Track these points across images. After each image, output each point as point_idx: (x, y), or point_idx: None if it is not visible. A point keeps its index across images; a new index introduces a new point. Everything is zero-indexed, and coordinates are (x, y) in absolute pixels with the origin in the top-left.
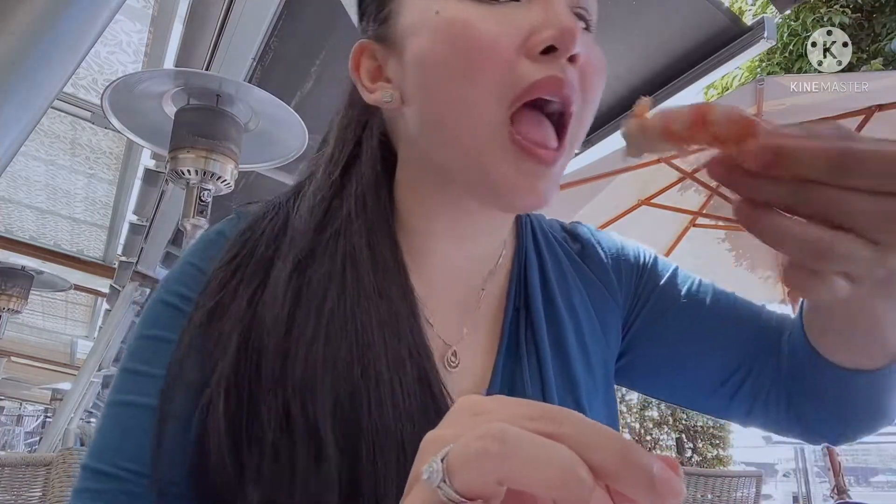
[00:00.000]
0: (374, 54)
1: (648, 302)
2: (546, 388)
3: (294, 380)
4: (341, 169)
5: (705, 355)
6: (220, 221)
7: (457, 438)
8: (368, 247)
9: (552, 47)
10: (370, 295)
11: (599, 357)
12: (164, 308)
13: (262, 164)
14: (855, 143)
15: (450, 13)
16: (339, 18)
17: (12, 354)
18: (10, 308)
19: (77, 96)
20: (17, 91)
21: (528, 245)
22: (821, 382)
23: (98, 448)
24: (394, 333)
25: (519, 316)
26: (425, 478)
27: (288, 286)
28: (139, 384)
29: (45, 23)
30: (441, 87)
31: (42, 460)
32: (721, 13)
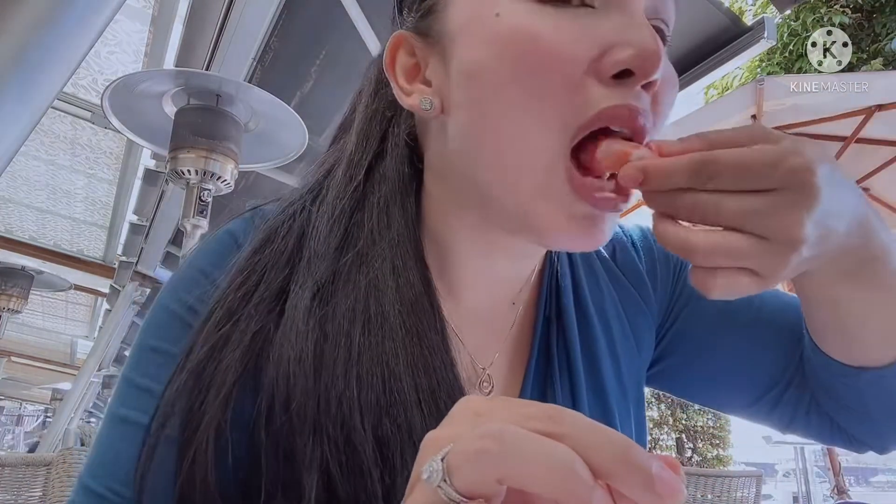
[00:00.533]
0: (413, 50)
1: (687, 306)
2: (577, 399)
3: (329, 427)
4: (364, 171)
5: (744, 365)
6: (232, 220)
7: (457, 438)
8: (393, 274)
9: (628, 71)
10: (396, 333)
11: (631, 368)
12: (169, 318)
13: (262, 164)
14: (717, 151)
15: (513, 19)
16: (339, 18)
17: (12, 354)
18: (10, 308)
19: (77, 96)
20: (17, 91)
21: (560, 253)
22: (834, 384)
23: (94, 464)
24: (425, 372)
25: (550, 325)
26: (425, 477)
27: (308, 319)
28: (138, 399)
29: (45, 23)
30: (496, 108)
31: (42, 460)
32: (721, 13)
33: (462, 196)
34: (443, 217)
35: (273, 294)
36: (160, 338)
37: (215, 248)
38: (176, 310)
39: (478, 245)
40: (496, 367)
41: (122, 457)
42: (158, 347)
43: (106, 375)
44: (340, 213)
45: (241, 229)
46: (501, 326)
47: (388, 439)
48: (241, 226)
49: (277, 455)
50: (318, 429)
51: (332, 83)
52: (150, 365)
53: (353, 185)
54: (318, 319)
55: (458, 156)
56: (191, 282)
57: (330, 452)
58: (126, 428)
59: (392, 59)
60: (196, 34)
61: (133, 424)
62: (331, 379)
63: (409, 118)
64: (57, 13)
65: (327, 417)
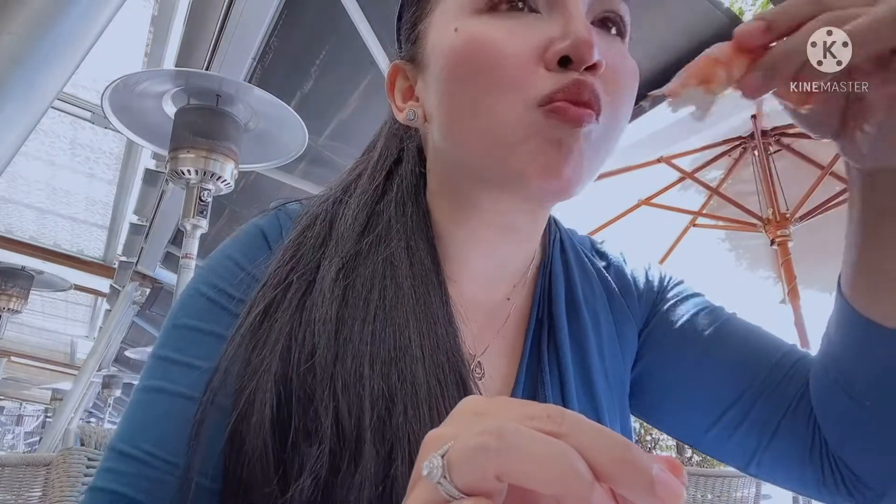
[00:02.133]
0: (406, 74)
1: (653, 322)
2: (567, 400)
3: (344, 377)
4: (385, 174)
5: (703, 378)
6: (257, 217)
7: (457, 436)
8: (407, 252)
9: (567, 58)
10: (407, 300)
11: (616, 370)
12: (199, 299)
13: (262, 164)
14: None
15: (467, 29)
16: (339, 18)
17: (12, 354)
18: (10, 308)
19: (77, 96)
20: (17, 91)
21: (554, 257)
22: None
23: (124, 430)
24: (431, 338)
25: (542, 327)
26: (425, 474)
27: (334, 287)
28: (169, 372)
29: (45, 23)
30: (463, 101)
31: (42, 460)
32: (721, 13)
33: (456, 183)
34: (444, 213)
35: (312, 268)
36: (193, 317)
37: (244, 241)
38: (206, 292)
39: (476, 232)
40: (488, 357)
41: (155, 420)
42: (192, 326)
43: (106, 375)
44: (364, 205)
45: (268, 225)
46: (495, 319)
47: (395, 389)
48: (268, 222)
49: (300, 402)
50: (335, 378)
51: (332, 83)
52: (182, 341)
53: (374, 184)
54: (342, 288)
55: (446, 149)
56: (223, 269)
57: (343, 399)
58: (158, 396)
59: (391, 84)
60: (196, 34)
61: (166, 393)
62: (349, 335)
63: (418, 136)
64: (57, 13)
65: (343, 368)
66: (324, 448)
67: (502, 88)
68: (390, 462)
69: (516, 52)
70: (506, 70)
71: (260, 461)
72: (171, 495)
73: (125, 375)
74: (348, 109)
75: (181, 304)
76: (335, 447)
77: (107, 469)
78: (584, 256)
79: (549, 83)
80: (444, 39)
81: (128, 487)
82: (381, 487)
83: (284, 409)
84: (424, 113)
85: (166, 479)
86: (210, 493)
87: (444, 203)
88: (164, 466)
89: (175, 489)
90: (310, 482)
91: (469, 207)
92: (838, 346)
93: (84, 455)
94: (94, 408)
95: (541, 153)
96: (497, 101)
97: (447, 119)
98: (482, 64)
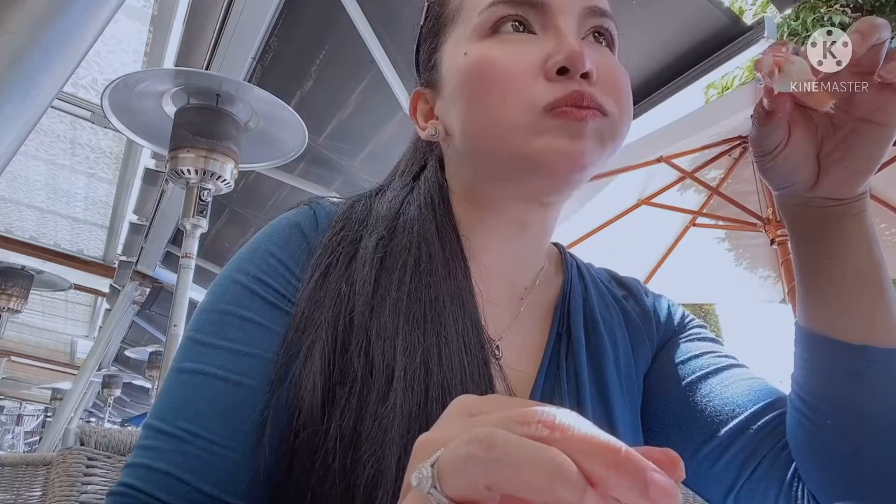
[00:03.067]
0: (427, 98)
1: (666, 349)
2: (582, 410)
3: (378, 327)
4: (412, 176)
5: (686, 413)
6: (291, 212)
7: (448, 442)
8: (437, 232)
9: (564, 69)
10: (440, 271)
11: (632, 389)
12: (235, 286)
13: (262, 164)
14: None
15: (475, 52)
16: (339, 18)
17: (12, 354)
18: (10, 308)
19: (77, 96)
20: (17, 91)
21: (573, 278)
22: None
23: (159, 409)
24: (459, 306)
25: (560, 341)
26: (415, 484)
27: (374, 255)
28: (204, 354)
29: (45, 23)
30: (474, 111)
31: (42, 460)
32: (721, 13)
33: (477, 189)
34: (465, 212)
35: (356, 239)
36: (228, 303)
37: (279, 232)
38: (242, 280)
39: (493, 227)
40: (505, 345)
41: (190, 399)
42: (227, 311)
43: (106, 375)
44: (397, 195)
45: (303, 217)
46: (510, 312)
47: (431, 341)
48: (303, 214)
49: (341, 351)
50: (369, 329)
51: (332, 83)
52: (216, 325)
53: (404, 182)
54: (381, 254)
55: (466, 155)
56: (261, 262)
57: (376, 346)
58: (192, 377)
59: (414, 108)
60: (196, 34)
61: (201, 374)
62: (385, 293)
63: (439, 150)
64: (57, 13)
65: (378, 321)
66: (355, 388)
67: (509, 97)
68: (427, 402)
69: (518, 65)
70: (511, 81)
71: (310, 404)
72: (209, 471)
73: (125, 375)
74: (348, 109)
75: (214, 290)
76: (364, 387)
77: (144, 447)
78: (602, 284)
79: (551, 91)
80: (456, 63)
81: (167, 463)
82: (418, 426)
83: (332, 359)
84: (445, 129)
85: (203, 455)
86: (245, 468)
87: (464, 204)
88: (201, 443)
89: (212, 465)
90: (342, 420)
91: (487, 207)
92: (800, 373)
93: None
94: (94, 407)
95: (554, 141)
96: (508, 109)
97: (466, 130)
98: (489, 77)
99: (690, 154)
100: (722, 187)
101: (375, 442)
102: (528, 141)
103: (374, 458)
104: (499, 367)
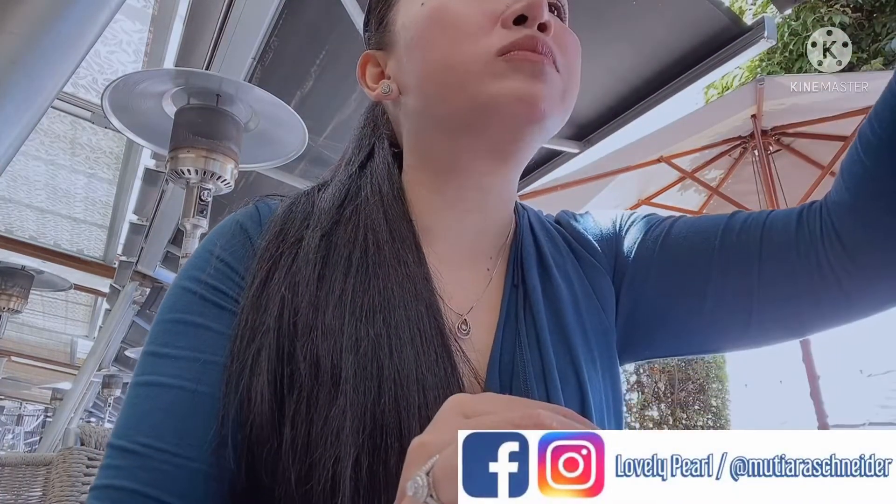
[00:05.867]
0: (377, 61)
1: (618, 264)
2: (545, 360)
3: (323, 327)
4: (358, 166)
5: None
6: (236, 212)
7: (442, 446)
8: (385, 220)
9: (523, 17)
10: (389, 261)
11: (597, 327)
12: (182, 293)
13: (262, 164)
14: None
15: (432, 1)
16: (339, 18)
17: (12, 354)
18: (10, 308)
19: (77, 96)
20: (17, 91)
21: (523, 228)
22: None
23: (120, 427)
24: (411, 293)
25: (517, 291)
26: (410, 494)
27: (318, 251)
28: (158, 365)
29: (45, 23)
30: (433, 58)
31: (42, 460)
32: (721, 13)
33: (433, 148)
34: (423, 184)
35: (297, 239)
36: (176, 311)
37: (224, 234)
38: (189, 286)
39: (451, 197)
40: (473, 317)
41: (147, 413)
42: (176, 319)
43: (106, 375)
44: (341, 185)
45: (246, 216)
46: (477, 285)
47: (381, 332)
48: (247, 213)
49: (287, 356)
50: (314, 329)
51: (332, 83)
52: (167, 335)
53: (349, 172)
54: (324, 250)
55: (422, 110)
56: (203, 263)
57: (323, 346)
58: (148, 390)
59: (363, 71)
60: (196, 34)
61: (155, 386)
62: (329, 289)
63: (388, 124)
64: (57, 13)
65: (322, 319)
66: (303, 394)
67: (465, 42)
68: (380, 397)
69: (475, 13)
70: (467, 26)
71: (259, 420)
72: (171, 483)
73: (125, 375)
74: (348, 109)
75: (165, 301)
76: (312, 392)
77: (107, 466)
78: (550, 225)
79: (506, 37)
80: (412, 13)
81: (130, 481)
82: (373, 423)
83: (279, 368)
84: (399, 86)
85: (164, 468)
86: (206, 477)
87: (422, 176)
88: (161, 456)
89: (174, 477)
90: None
91: (447, 171)
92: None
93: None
94: (95, 407)
95: (511, 83)
96: (463, 54)
97: (422, 79)
98: (446, 23)
99: (690, 154)
100: (722, 187)
101: (329, 446)
102: (484, 86)
103: (329, 463)
104: (461, 350)
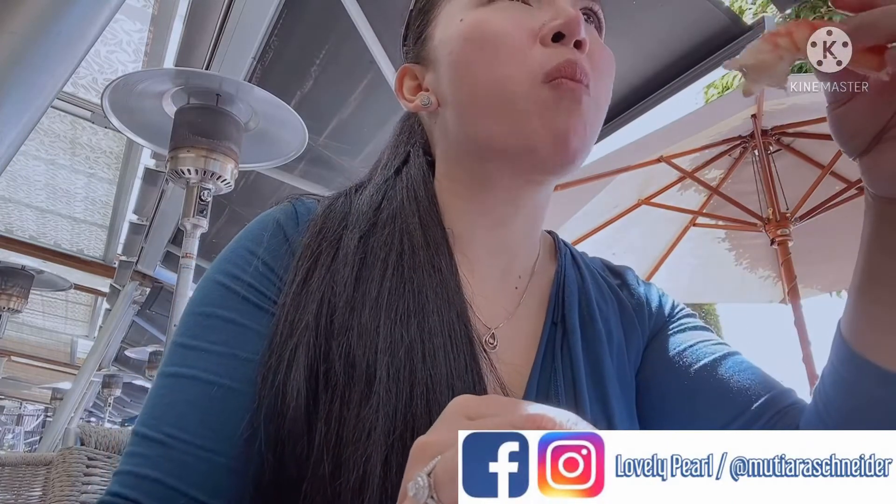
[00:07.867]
0: (415, 74)
1: (657, 341)
2: (579, 401)
3: (360, 327)
4: (394, 171)
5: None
6: (274, 209)
7: (444, 447)
8: (420, 226)
9: (560, 34)
10: (423, 265)
11: (626, 379)
12: (216, 287)
13: (262, 164)
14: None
15: (471, 18)
16: (339, 18)
17: (12, 354)
18: (10, 308)
19: (77, 96)
20: (17, 91)
21: (566, 267)
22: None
23: (145, 415)
24: (444, 299)
25: (556, 330)
26: (411, 494)
27: (355, 252)
28: (186, 357)
29: (45, 23)
30: (473, 76)
31: (42, 460)
32: (721, 13)
33: (465, 162)
34: (455, 193)
35: (336, 239)
36: (208, 305)
37: (259, 230)
38: (223, 281)
39: (481, 208)
40: (502, 335)
41: (174, 404)
42: (208, 313)
43: (106, 375)
44: (378, 189)
45: (284, 214)
46: (506, 302)
47: (415, 337)
48: (284, 211)
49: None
50: (350, 329)
51: (332, 83)
52: (198, 328)
53: (385, 177)
54: (362, 252)
55: (459, 127)
56: (239, 259)
57: (358, 346)
58: (177, 381)
59: (400, 84)
60: (196, 33)
61: (184, 378)
62: (366, 290)
63: (423, 135)
64: (57, 13)
65: (359, 320)
66: (337, 393)
67: (505, 61)
68: (412, 400)
69: (515, 30)
70: (507, 45)
71: (293, 415)
72: (194, 474)
73: (125, 375)
74: (348, 109)
75: (198, 293)
76: (346, 391)
77: (131, 454)
78: (597, 273)
79: (545, 57)
80: (451, 30)
81: (152, 469)
82: (403, 425)
83: (315, 365)
84: (437, 99)
85: (187, 459)
86: (228, 471)
87: (454, 186)
88: (186, 447)
89: (196, 469)
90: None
91: (479, 183)
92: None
93: (84, 454)
94: (95, 407)
95: (552, 115)
96: (504, 75)
97: (463, 97)
98: (486, 41)
99: (690, 154)
100: (722, 187)
101: (360, 444)
102: (527, 117)
103: (359, 461)
104: (489, 361)
